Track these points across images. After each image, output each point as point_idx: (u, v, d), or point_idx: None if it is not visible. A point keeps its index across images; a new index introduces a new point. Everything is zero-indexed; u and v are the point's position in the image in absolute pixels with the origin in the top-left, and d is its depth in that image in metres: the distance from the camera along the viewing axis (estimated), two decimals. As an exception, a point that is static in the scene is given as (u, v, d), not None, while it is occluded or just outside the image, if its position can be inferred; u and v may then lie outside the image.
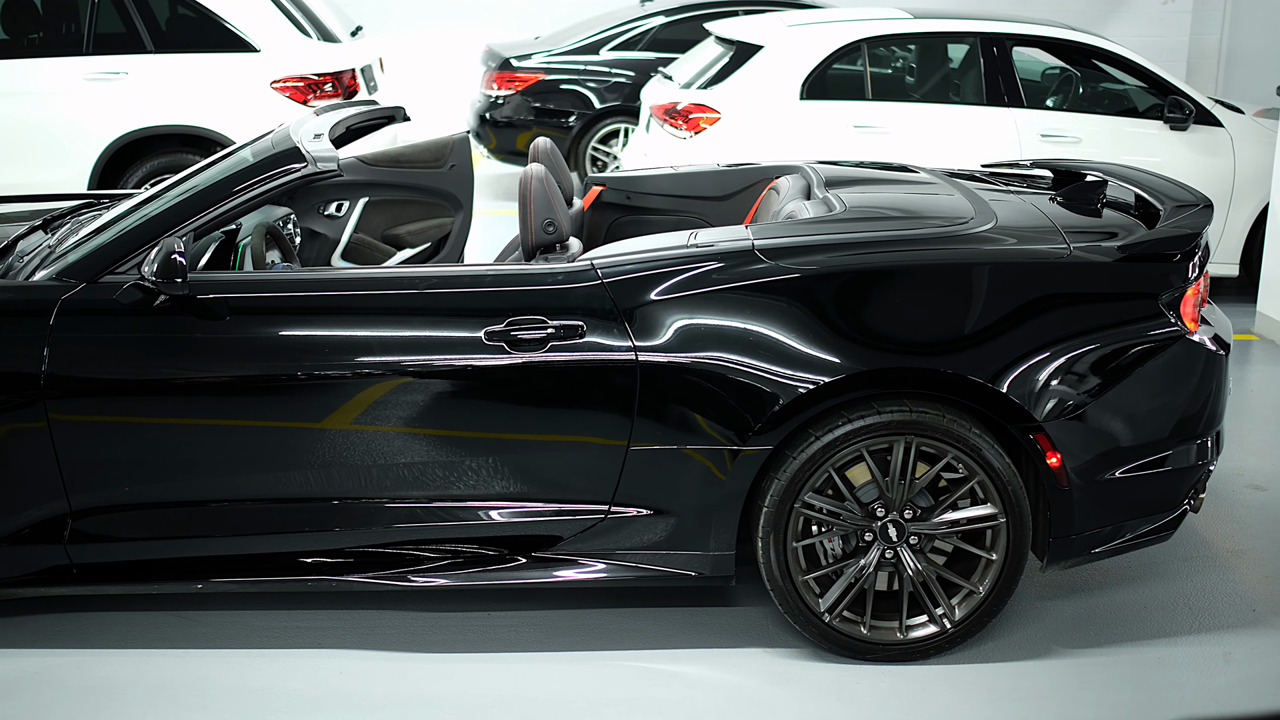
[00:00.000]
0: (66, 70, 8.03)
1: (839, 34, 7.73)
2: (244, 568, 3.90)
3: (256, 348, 3.77)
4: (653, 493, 3.83)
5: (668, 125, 7.85)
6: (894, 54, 8.63)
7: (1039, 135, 7.61)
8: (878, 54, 8.25)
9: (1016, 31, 7.85)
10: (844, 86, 7.77)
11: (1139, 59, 7.87)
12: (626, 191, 5.27)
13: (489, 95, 10.51)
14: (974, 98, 7.81)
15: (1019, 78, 7.77)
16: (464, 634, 4.07)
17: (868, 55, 7.79)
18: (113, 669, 3.87)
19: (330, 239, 5.39)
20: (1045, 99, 8.08)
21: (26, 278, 3.90)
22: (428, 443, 3.80)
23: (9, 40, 8.31)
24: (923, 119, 7.68)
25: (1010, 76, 7.74)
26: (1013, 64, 7.77)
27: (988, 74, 7.73)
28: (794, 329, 3.73)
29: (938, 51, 8.32)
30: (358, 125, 4.98)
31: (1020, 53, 8.02)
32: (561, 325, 3.75)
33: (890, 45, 8.29)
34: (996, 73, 7.73)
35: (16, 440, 3.75)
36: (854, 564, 3.86)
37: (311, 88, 8.09)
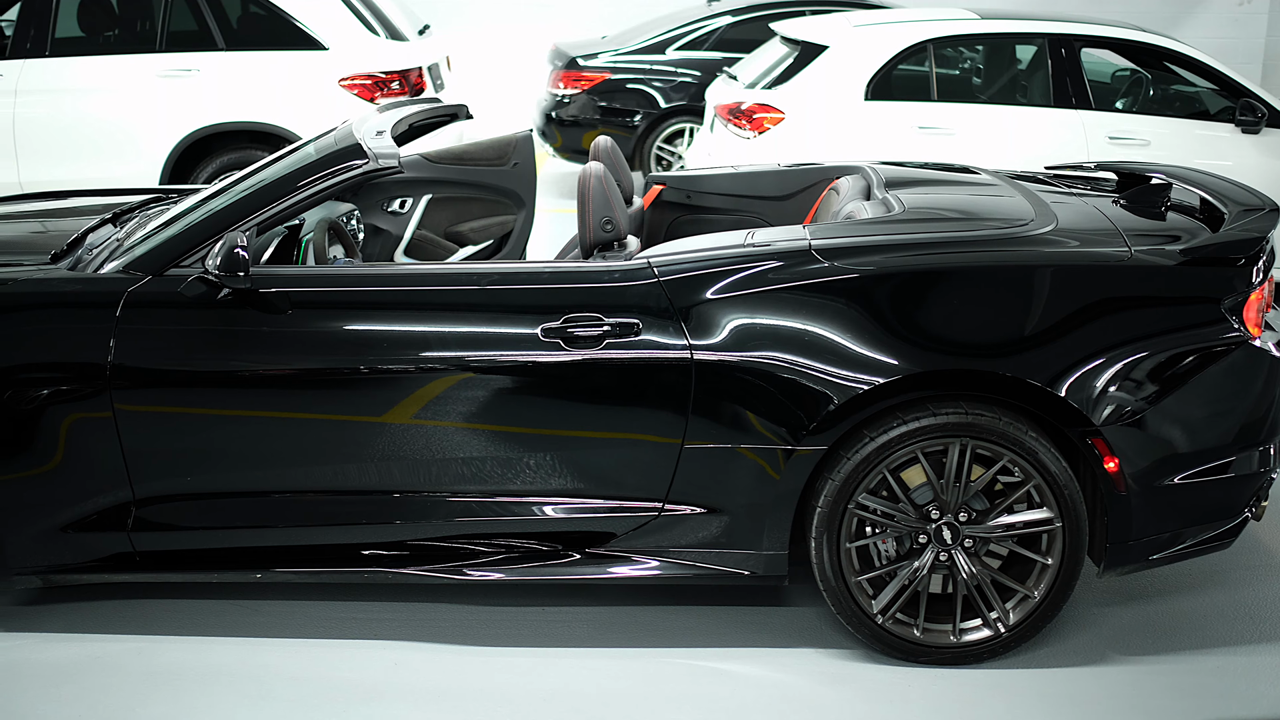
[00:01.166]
0: (140, 67, 8.16)
1: (905, 34, 7.70)
2: (303, 558, 3.96)
3: (317, 341, 3.82)
4: (706, 491, 3.84)
5: (732, 125, 7.85)
6: (961, 55, 8.58)
7: (1107, 137, 7.53)
8: (944, 55, 8.20)
9: (1086, 32, 7.78)
10: (909, 87, 7.73)
11: (1210, 61, 7.77)
12: (687, 191, 5.28)
13: (555, 94, 10.55)
14: (1041, 99, 7.75)
15: (1087, 79, 7.69)
16: (518, 628, 4.10)
17: (934, 56, 7.75)
18: (173, 655, 3.94)
19: (393, 235, 5.44)
20: (1114, 101, 7.99)
21: (95, 270, 3.97)
22: (484, 438, 3.83)
23: (85, 38, 8.45)
24: (989, 120, 7.62)
25: (1078, 78, 7.67)
26: (1081, 65, 7.70)
27: (1055, 75, 7.66)
28: (850, 329, 3.73)
29: (1005, 52, 8.25)
30: (420, 123, 5.04)
31: (1089, 54, 7.94)
32: (618, 323, 3.76)
33: (957, 46, 8.24)
34: (1064, 74, 7.66)
35: (83, 429, 3.82)
36: (908, 566, 3.85)
37: (379, 85, 8.17)
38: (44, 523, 3.89)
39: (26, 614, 4.16)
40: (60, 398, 3.80)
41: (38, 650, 3.96)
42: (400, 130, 4.61)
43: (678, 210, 5.29)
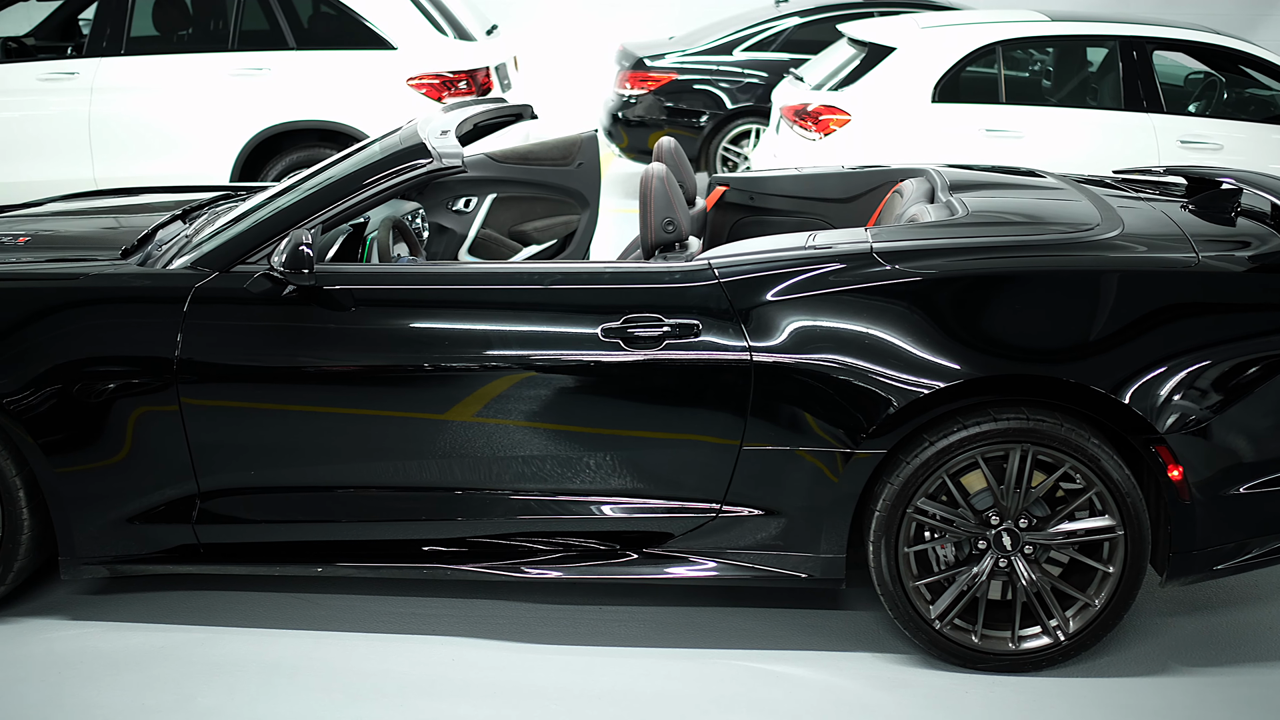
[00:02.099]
0: (212, 66, 8.27)
1: (973, 36, 7.65)
2: (364, 553, 4.00)
3: (381, 338, 3.86)
4: (764, 493, 3.83)
5: (797, 127, 7.83)
6: (1030, 57, 8.50)
7: (1178, 141, 7.43)
8: (1013, 57, 8.13)
9: (1158, 35, 7.68)
10: (977, 90, 7.67)
11: (1286, 64, 7.66)
12: (750, 192, 5.27)
13: (622, 94, 10.57)
14: (1112, 102, 7.66)
15: (1159, 82, 7.60)
16: (574, 627, 4.11)
17: (1003, 58, 7.69)
18: (235, 646, 3.99)
19: (458, 234, 5.48)
20: (1186, 104, 7.89)
21: (164, 266, 4.03)
22: (544, 436, 3.85)
23: (160, 37, 8.58)
24: (1058, 123, 7.56)
25: (1150, 81, 7.58)
26: (1153, 68, 7.60)
27: (1126, 78, 7.58)
28: (911, 333, 3.71)
29: (1075, 55, 8.17)
30: (485, 122, 5.07)
31: (1162, 56, 7.84)
32: (678, 324, 3.77)
33: (1026, 48, 8.17)
34: (1136, 77, 7.57)
35: (150, 422, 3.89)
36: (966, 572, 3.82)
37: (446, 85, 8.23)
38: (111, 514, 3.96)
39: (93, 603, 4.24)
40: (128, 391, 3.86)
41: (103, 638, 4.03)
42: (465, 130, 4.65)
43: (741, 212, 5.28)
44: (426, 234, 5.24)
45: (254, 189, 5.13)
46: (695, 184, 5.08)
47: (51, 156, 8.29)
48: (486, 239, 5.52)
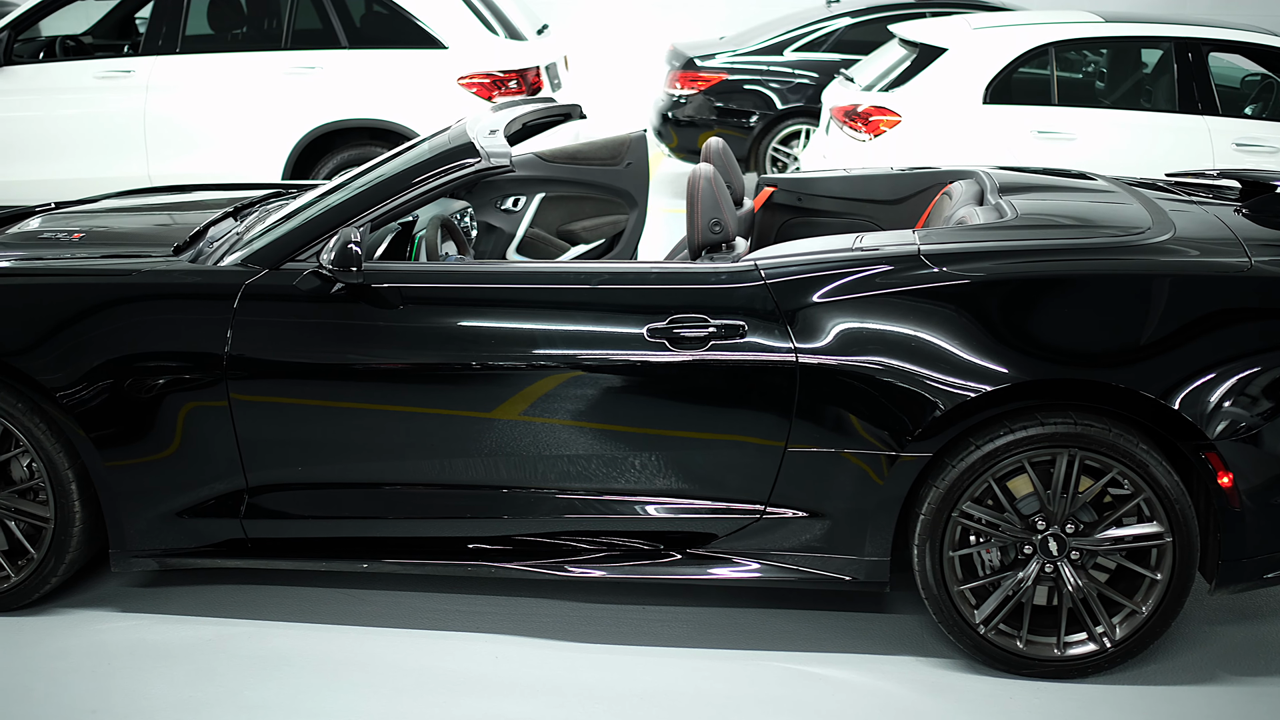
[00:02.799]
0: (266, 65, 8.34)
1: (1026, 37, 7.59)
2: (410, 550, 4.02)
3: (428, 336, 3.88)
4: (808, 495, 3.83)
5: (847, 127, 7.80)
6: (1083, 58, 8.43)
7: (1233, 144, 7.34)
8: (1066, 58, 8.07)
9: (1214, 36, 7.59)
10: (1029, 91, 7.61)
11: (1347, 66, 7.55)
12: (798, 193, 5.26)
13: (672, 94, 10.57)
14: (1166, 104, 7.58)
15: (1215, 84, 7.51)
16: (617, 626, 4.12)
17: (1055, 59, 7.62)
18: (281, 641, 4.02)
19: (506, 233, 5.50)
20: (1242, 107, 7.79)
21: (215, 263, 4.07)
22: (589, 436, 3.86)
23: (214, 35, 8.66)
24: (1111, 125, 7.48)
25: (1205, 83, 7.49)
26: (1209, 70, 7.52)
27: (1181, 80, 7.50)
28: (958, 336, 3.69)
29: (1130, 56, 8.09)
30: (534, 122, 5.08)
31: (1217, 58, 7.75)
32: (723, 324, 3.77)
33: (1080, 49, 8.10)
34: (1191, 79, 7.49)
35: (200, 417, 3.93)
36: (1012, 576, 3.80)
37: (497, 84, 8.26)
38: (161, 508, 4.01)
39: (144, 595, 4.29)
40: (178, 386, 3.91)
41: (153, 630, 4.08)
42: (514, 129, 4.66)
43: (788, 213, 5.27)
44: (475, 233, 5.26)
45: (304, 187, 5.17)
46: (743, 185, 5.07)
47: (107, 154, 8.39)
48: (534, 238, 5.53)
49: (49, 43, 8.89)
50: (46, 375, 3.90)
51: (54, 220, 4.90)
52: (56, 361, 3.91)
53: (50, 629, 4.08)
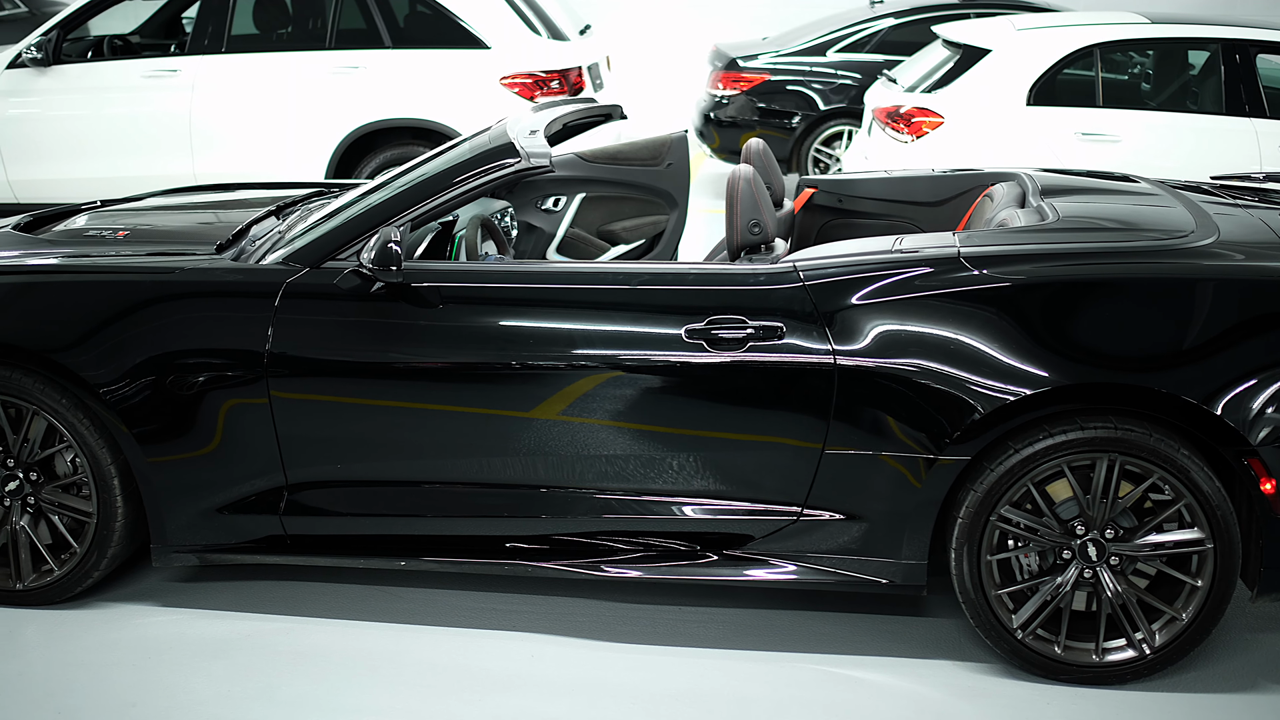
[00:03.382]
0: (310, 64, 8.39)
1: (1071, 39, 7.53)
2: (447, 548, 4.04)
3: (467, 336, 3.89)
4: (846, 497, 3.82)
5: (889, 129, 7.78)
6: (1129, 60, 8.36)
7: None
8: (1112, 59, 8.00)
9: (1262, 38, 7.50)
10: (1074, 93, 7.55)
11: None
12: (838, 195, 5.25)
13: (714, 95, 10.56)
14: (1212, 106, 7.50)
15: (1262, 86, 7.43)
16: (653, 626, 4.12)
17: (1100, 60, 7.56)
18: (319, 637, 4.05)
19: (546, 233, 5.51)
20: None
21: (257, 261, 4.10)
22: (627, 436, 3.87)
23: (259, 35, 8.73)
24: (1156, 128, 7.42)
25: (1253, 84, 7.41)
26: (1256, 72, 7.44)
27: (1228, 82, 7.42)
28: (998, 339, 3.67)
29: (1176, 58, 8.02)
30: (574, 122, 5.09)
31: (1266, 60, 7.66)
32: (761, 326, 3.76)
33: (1125, 51, 8.03)
34: (1238, 80, 7.41)
35: (240, 414, 3.96)
36: (1050, 581, 3.77)
37: (539, 84, 8.28)
38: (202, 504, 4.04)
39: (184, 590, 4.33)
40: (220, 383, 3.94)
41: (192, 626, 4.12)
42: (554, 130, 4.67)
43: (829, 214, 5.26)
44: (515, 232, 5.27)
45: (346, 186, 5.20)
46: (783, 186, 5.06)
47: (153, 152, 8.47)
48: (575, 238, 5.54)
49: (97, 42, 8.99)
50: (90, 371, 3.95)
51: (100, 218, 4.95)
52: (100, 358, 3.95)
53: (92, 622, 4.13)
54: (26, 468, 4.13)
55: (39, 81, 8.50)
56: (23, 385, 4.01)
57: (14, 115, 8.52)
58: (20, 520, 4.16)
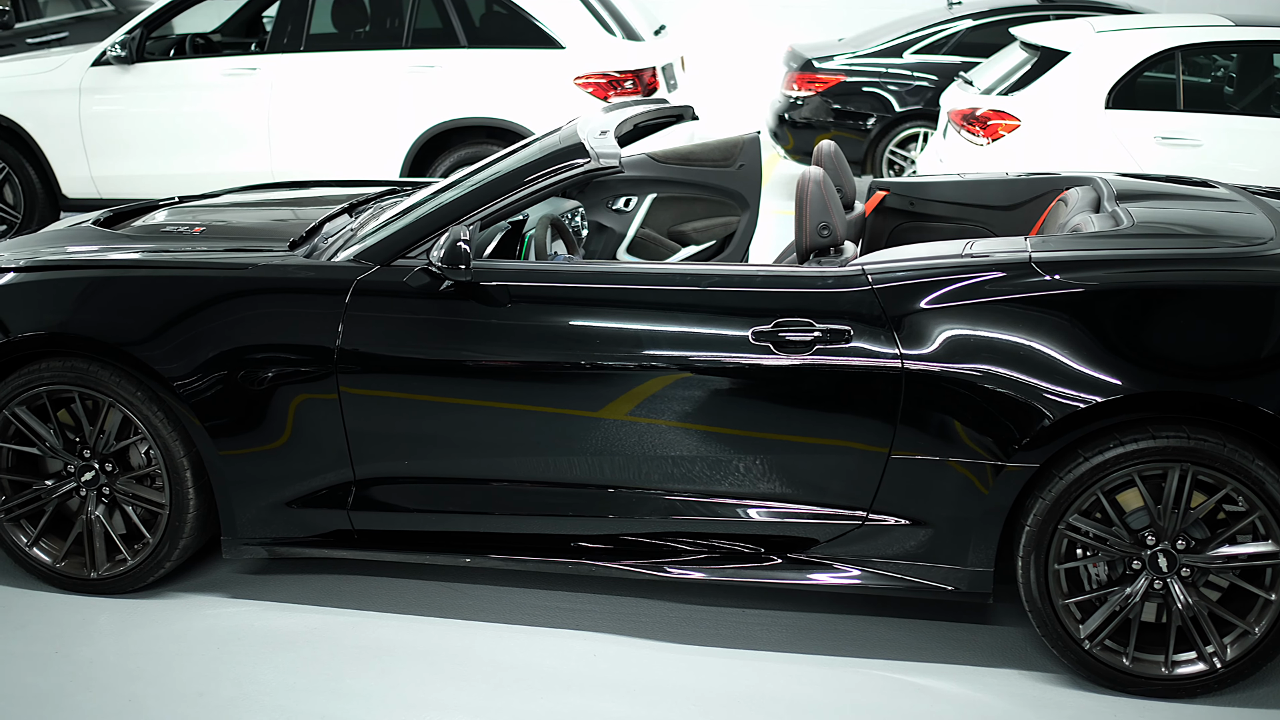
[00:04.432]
0: (387, 63, 8.47)
1: (1151, 41, 7.42)
2: (512, 546, 4.06)
3: (535, 335, 3.91)
4: (912, 502, 3.79)
5: (965, 131, 7.70)
6: (1212, 63, 8.21)
7: (1368, 153, 7.11)
8: (1194, 62, 7.86)
9: (1349, 42, 7.36)
10: (1154, 96, 7.43)
11: None
12: (910, 197, 5.21)
13: (789, 96, 10.52)
14: (1298, 110, 7.37)
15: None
16: (716, 628, 4.11)
17: (1182, 63, 7.44)
18: (383, 631, 4.09)
19: (617, 233, 5.52)
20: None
21: (328, 258, 4.15)
22: (692, 437, 3.86)
23: (337, 34, 8.82)
24: (1238, 132, 7.28)
25: (1339, 89, 7.27)
26: (1343, 76, 7.30)
27: (1313, 86, 7.28)
28: (1068, 345, 3.62)
29: (1260, 61, 7.86)
30: (646, 123, 5.09)
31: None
32: (828, 329, 3.74)
33: (1208, 53, 7.89)
34: (1324, 85, 7.27)
35: (310, 409, 4.00)
36: (1119, 592, 3.72)
37: (612, 84, 8.29)
38: (271, 497, 4.09)
39: (252, 582, 4.38)
40: (290, 378, 3.99)
41: (260, 617, 4.17)
42: (625, 130, 4.67)
43: (900, 217, 5.22)
44: (586, 232, 5.29)
45: (418, 184, 5.24)
46: (855, 188, 5.03)
47: (232, 149, 8.58)
48: (645, 238, 5.55)
49: (180, 41, 9.13)
50: (164, 365, 4.01)
51: (178, 214, 5.03)
52: (174, 352, 4.01)
53: (163, 612, 4.19)
54: (102, 459, 4.21)
55: (122, 79, 8.64)
56: (100, 378, 4.08)
57: (98, 112, 8.67)
58: (96, 510, 4.23)
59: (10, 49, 11.57)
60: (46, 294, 4.21)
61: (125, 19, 10.28)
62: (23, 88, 8.79)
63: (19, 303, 4.21)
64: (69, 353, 4.12)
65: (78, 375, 4.10)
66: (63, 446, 4.21)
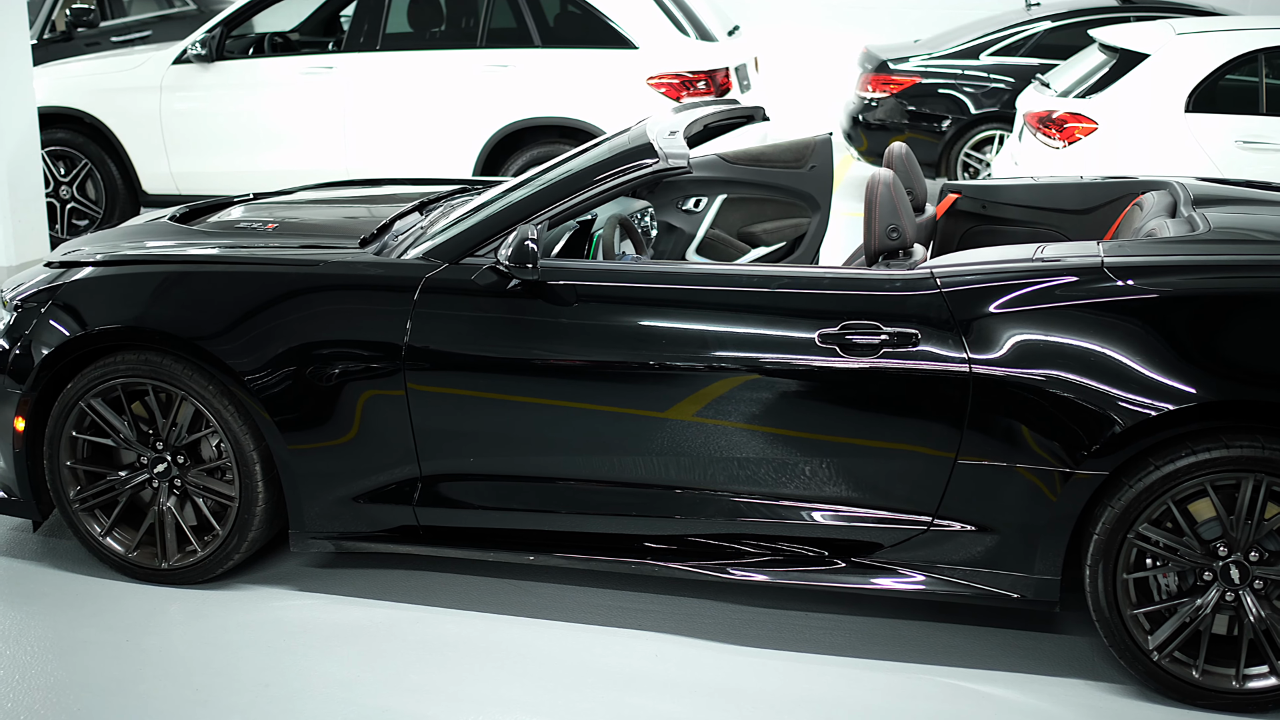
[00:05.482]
0: (461, 63, 8.52)
1: (1234, 43, 7.29)
2: (577, 545, 4.07)
3: (602, 334, 3.92)
4: (978, 508, 3.75)
5: (1040, 134, 7.62)
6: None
7: None
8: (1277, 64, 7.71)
9: None
10: (1235, 99, 7.30)
11: None
12: (982, 200, 5.16)
13: (863, 97, 10.47)
14: (1387, 114, 7.20)
15: None
16: (779, 631, 4.10)
17: (1265, 65, 7.30)
18: (447, 627, 4.11)
19: (686, 233, 5.52)
20: None
21: (398, 256, 4.18)
22: (758, 439, 3.85)
23: (413, 33, 8.89)
24: (1323, 137, 7.14)
25: None
26: None
27: (1402, 90, 7.12)
28: (1140, 351, 3.57)
29: (1348, 63, 7.70)
30: (716, 123, 5.08)
31: None
32: (896, 332, 3.72)
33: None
34: None
35: (378, 405, 4.03)
36: (1190, 603, 3.66)
37: (685, 85, 8.29)
38: (339, 492, 4.13)
39: (319, 575, 4.43)
40: (358, 375, 4.02)
41: (326, 610, 4.21)
42: (694, 131, 4.67)
43: (972, 220, 5.17)
44: (655, 232, 5.29)
45: (489, 183, 5.27)
46: (926, 191, 4.99)
47: (307, 147, 8.68)
48: (715, 239, 5.54)
49: (259, 39, 9.25)
50: (236, 359, 4.06)
51: (252, 210, 5.09)
52: (245, 346, 4.06)
53: (230, 603, 4.25)
54: (174, 451, 4.27)
55: (202, 77, 8.77)
56: (173, 371, 4.14)
57: (178, 109, 8.81)
58: (167, 502, 4.30)
59: (96, 47, 11.79)
60: (123, 288, 4.27)
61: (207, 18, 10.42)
62: (106, 85, 8.95)
63: (97, 297, 4.28)
64: (144, 346, 4.18)
65: (152, 368, 4.16)
66: (136, 438, 4.27)
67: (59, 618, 4.17)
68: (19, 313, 4.34)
